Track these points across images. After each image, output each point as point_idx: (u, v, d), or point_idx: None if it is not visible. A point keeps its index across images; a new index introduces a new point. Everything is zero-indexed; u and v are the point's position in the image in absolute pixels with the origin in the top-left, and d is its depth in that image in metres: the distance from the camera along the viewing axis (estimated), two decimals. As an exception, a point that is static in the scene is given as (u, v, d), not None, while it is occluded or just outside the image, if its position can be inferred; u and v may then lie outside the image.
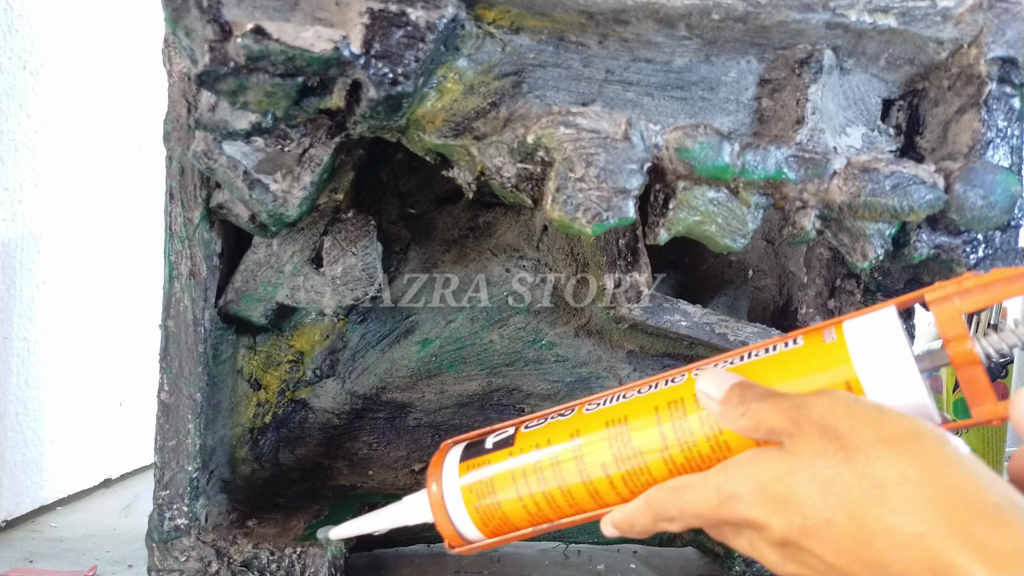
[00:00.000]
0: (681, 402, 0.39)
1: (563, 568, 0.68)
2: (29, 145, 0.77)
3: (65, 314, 0.83)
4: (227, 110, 0.49)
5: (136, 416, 0.95)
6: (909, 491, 0.30)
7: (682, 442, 0.38)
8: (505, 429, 0.44)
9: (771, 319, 0.73)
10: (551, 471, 0.41)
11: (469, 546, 0.44)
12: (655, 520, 0.38)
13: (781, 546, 0.34)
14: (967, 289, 0.35)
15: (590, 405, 0.42)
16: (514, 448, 0.43)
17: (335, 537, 0.49)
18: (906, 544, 0.30)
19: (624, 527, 0.39)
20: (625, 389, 0.42)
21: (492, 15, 0.51)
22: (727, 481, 0.35)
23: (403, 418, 0.73)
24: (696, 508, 0.36)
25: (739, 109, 0.55)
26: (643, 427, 0.39)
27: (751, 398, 0.36)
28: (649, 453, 0.39)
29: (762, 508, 0.33)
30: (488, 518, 0.43)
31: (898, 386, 0.35)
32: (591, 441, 0.41)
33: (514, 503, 0.42)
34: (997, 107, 0.53)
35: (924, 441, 0.31)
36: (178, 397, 0.59)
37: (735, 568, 0.63)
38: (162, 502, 0.59)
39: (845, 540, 0.31)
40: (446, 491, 0.43)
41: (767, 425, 0.35)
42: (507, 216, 0.71)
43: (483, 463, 0.43)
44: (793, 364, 0.38)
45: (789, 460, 0.33)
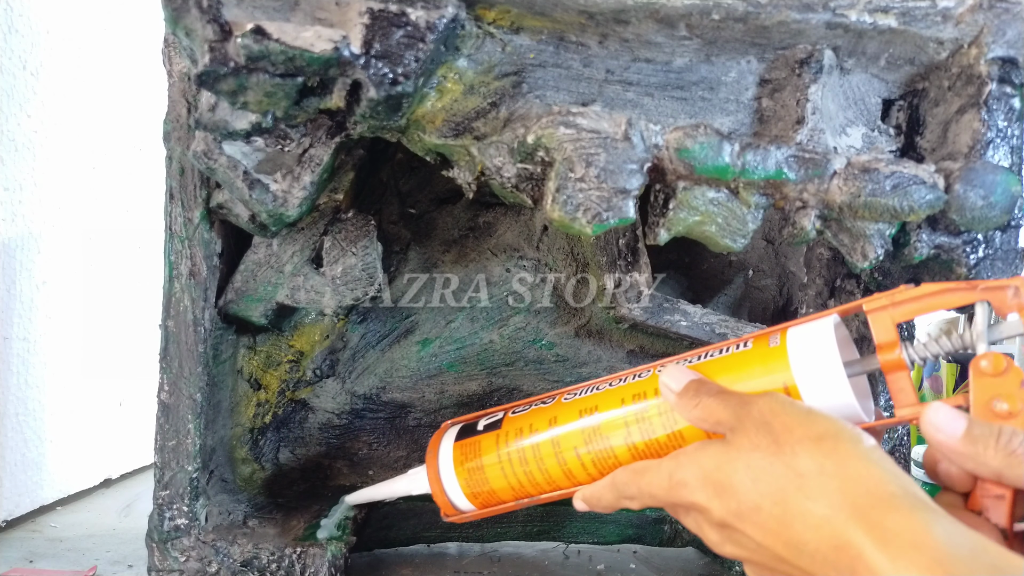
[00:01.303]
0: (644, 395, 0.45)
1: (563, 568, 0.68)
2: (29, 145, 0.77)
3: (65, 314, 0.83)
4: (227, 110, 0.49)
5: (136, 416, 0.95)
6: (824, 481, 0.35)
7: (643, 431, 0.44)
8: (495, 413, 0.51)
9: (771, 319, 0.73)
10: (531, 452, 0.47)
11: (461, 515, 0.51)
12: (618, 498, 0.43)
13: (720, 527, 0.38)
14: (900, 301, 0.40)
15: (568, 395, 0.48)
16: (501, 431, 0.49)
17: (351, 502, 0.58)
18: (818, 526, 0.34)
19: (592, 502, 0.45)
20: (599, 382, 0.48)
21: (492, 15, 0.51)
22: (677, 468, 0.40)
23: (403, 418, 0.73)
24: (652, 490, 0.41)
25: (739, 109, 0.55)
26: (611, 416, 0.45)
27: (704, 393, 0.41)
28: (615, 439, 0.45)
29: (704, 493, 0.38)
30: (477, 491, 0.49)
31: (827, 390, 0.40)
32: (566, 427, 0.46)
33: (499, 479, 0.48)
34: (997, 107, 0.53)
35: (841, 439, 0.36)
36: (178, 397, 0.59)
37: (735, 568, 0.63)
38: (162, 502, 0.59)
39: (771, 523, 0.36)
40: (442, 466, 0.50)
41: (715, 417, 0.40)
42: (507, 216, 0.71)
43: (474, 443, 0.49)
44: (741, 365, 0.43)
45: (729, 451, 0.38)
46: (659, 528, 0.70)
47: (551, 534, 0.71)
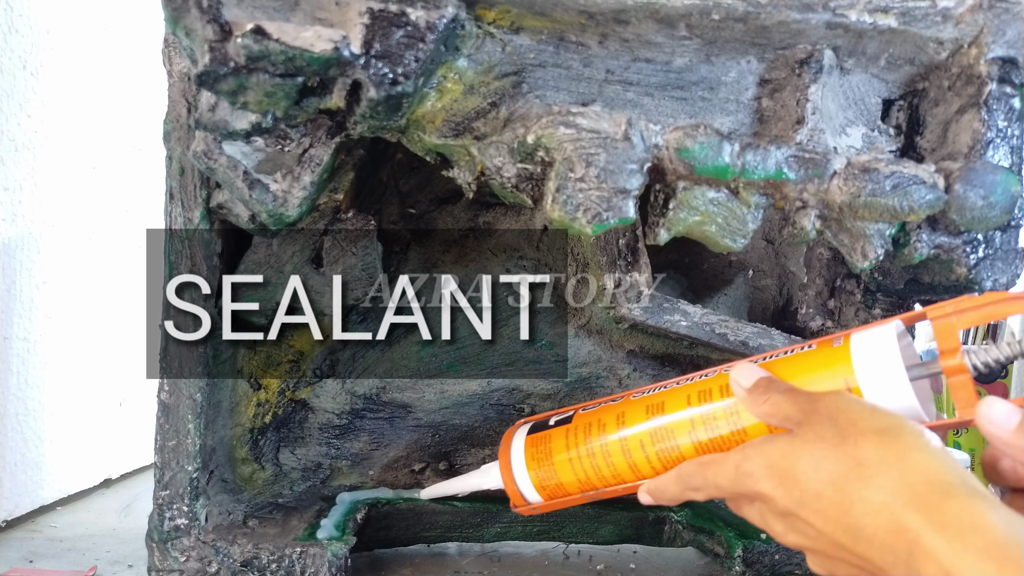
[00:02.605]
0: (709, 392, 0.47)
1: (563, 568, 0.68)
2: (29, 145, 0.77)
3: (65, 314, 0.83)
4: (227, 110, 0.49)
5: (136, 416, 0.95)
6: (884, 469, 0.36)
7: (708, 427, 0.46)
8: (567, 411, 0.54)
9: (771, 319, 0.73)
10: (599, 446, 0.50)
11: (529, 507, 0.54)
12: (684, 489, 0.45)
13: (783, 516, 0.40)
14: (963, 309, 0.41)
15: (636, 393, 0.51)
16: (571, 426, 0.52)
17: (425, 497, 0.61)
18: (876, 511, 0.35)
19: (657, 494, 0.47)
20: (665, 383, 0.50)
21: (492, 15, 0.51)
22: (744, 459, 0.41)
23: (403, 418, 0.73)
24: (718, 480, 0.43)
25: (739, 109, 0.55)
26: (677, 412, 0.47)
27: (773, 389, 0.43)
28: (680, 434, 0.47)
29: (769, 482, 0.40)
30: (546, 484, 0.52)
31: (890, 392, 0.42)
32: (634, 422, 0.49)
33: (567, 472, 0.51)
34: (997, 107, 0.53)
35: (903, 432, 0.37)
36: (178, 397, 0.59)
37: (735, 568, 0.63)
38: (162, 502, 0.59)
39: (831, 509, 0.37)
40: (513, 458, 0.53)
41: (783, 413, 0.41)
42: (507, 216, 0.71)
43: (545, 437, 0.52)
44: (806, 365, 0.45)
45: (794, 443, 0.40)
46: (659, 528, 0.70)
47: (551, 534, 0.71)
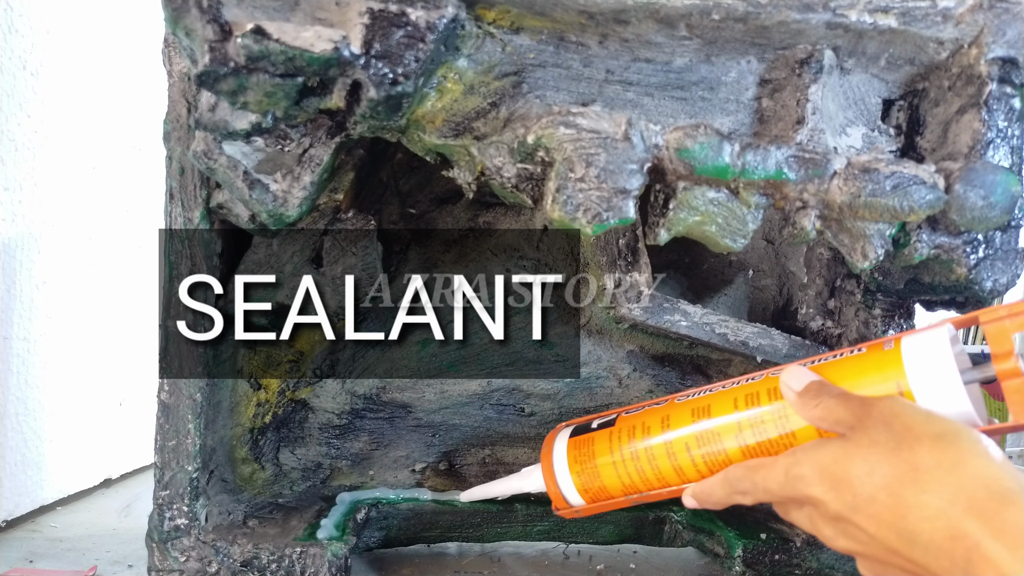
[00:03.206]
0: (757, 396, 0.46)
1: (563, 568, 0.68)
2: (29, 145, 0.77)
3: (65, 314, 0.83)
4: (227, 110, 0.49)
5: (136, 416, 0.95)
6: (940, 475, 0.36)
7: (756, 430, 0.46)
8: (609, 414, 0.54)
9: (771, 319, 0.73)
10: (643, 449, 0.50)
11: (571, 510, 0.54)
12: (730, 493, 0.45)
13: (834, 521, 0.40)
14: (1017, 312, 0.41)
15: (680, 397, 0.51)
16: (614, 429, 0.52)
17: (465, 499, 0.62)
18: (932, 517, 0.35)
19: (702, 498, 0.47)
20: (710, 386, 0.50)
21: (492, 15, 0.51)
22: (795, 464, 0.41)
23: (403, 418, 0.73)
24: (766, 484, 0.43)
25: (739, 109, 0.55)
26: (723, 416, 0.47)
27: (825, 393, 0.42)
28: (727, 438, 0.47)
29: (820, 486, 0.40)
30: (588, 486, 0.52)
31: (944, 396, 0.42)
32: (679, 425, 0.49)
33: (611, 475, 0.51)
34: (997, 107, 0.53)
35: (960, 437, 0.37)
36: (178, 397, 0.59)
37: (735, 568, 0.63)
38: (162, 502, 0.59)
39: (885, 514, 0.37)
40: (556, 461, 0.53)
41: (835, 417, 0.41)
42: (507, 216, 0.71)
43: (588, 440, 0.52)
44: (856, 369, 0.44)
45: (847, 447, 0.40)
46: (659, 528, 0.70)
47: (551, 534, 0.71)
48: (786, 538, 0.64)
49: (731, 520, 0.67)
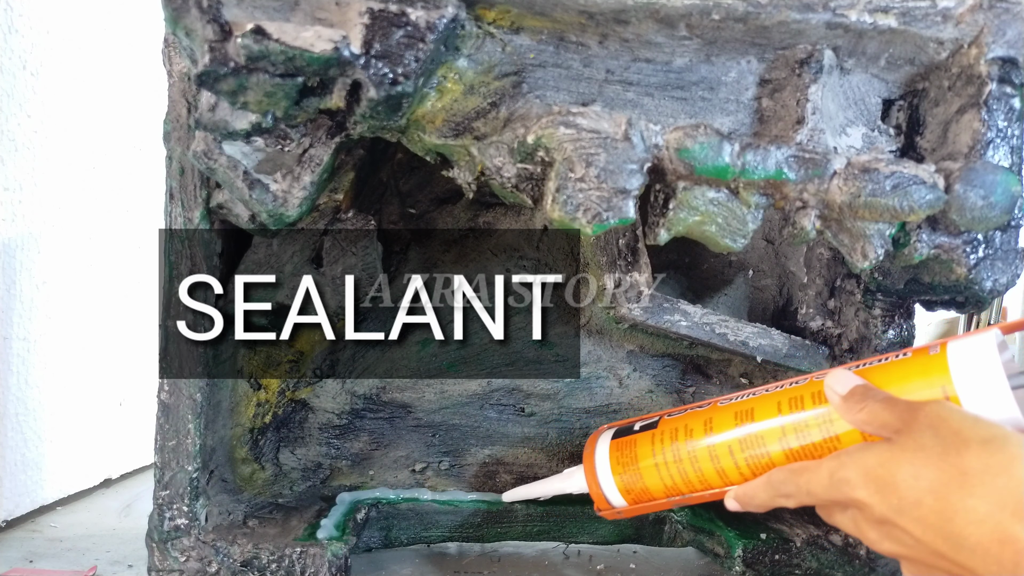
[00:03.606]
0: (801, 400, 0.47)
1: (563, 568, 0.68)
2: (29, 145, 0.77)
3: (65, 314, 0.83)
4: (227, 110, 0.49)
5: (136, 416, 0.95)
6: (989, 479, 0.36)
7: (799, 434, 0.46)
8: (651, 417, 0.54)
9: (771, 319, 0.73)
10: (686, 451, 0.50)
11: (613, 511, 0.55)
12: (773, 496, 0.46)
13: (879, 524, 0.40)
14: None
15: (723, 400, 0.51)
16: (657, 431, 0.52)
17: (507, 500, 0.63)
18: (980, 521, 0.36)
19: (745, 501, 0.48)
20: (752, 390, 0.50)
21: (492, 15, 0.51)
22: (839, 467, 0.41)
23: (403, 418, 0.73)
24: (810, 487, 0.43)
25: (739, 109, 0.55)
26: (767, 419, 0.47)
27: (870, 397, 0.43)
28: (770, 440, 0.47)
29: (865, 489, 0.40)
30: (631, 488, 0.53)
31: (991, 401, 0.42)
32: (722, 428, 0.49)
33: (653, 477, 0.51)
34: (997, 107, 0.53)
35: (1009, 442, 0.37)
36: (178, 397, 0.59)
37: (735, 568, 0.63)
38: (162, 502, 0.59)
39: (932, 518, 0.37)
40: (598, 462, 0.54)
41: (880, 420, 0.42)
42: (507, 216, 0.71)
43: (630, 442, 0.53)
44: (901, 373, 0.45)
45: (894, 451, 0.40)
46: (659, 528, 0.70)
47: (551, 534, 0.71)
48: (786, 538, 0.64)
49: (731, 520, 0.67)
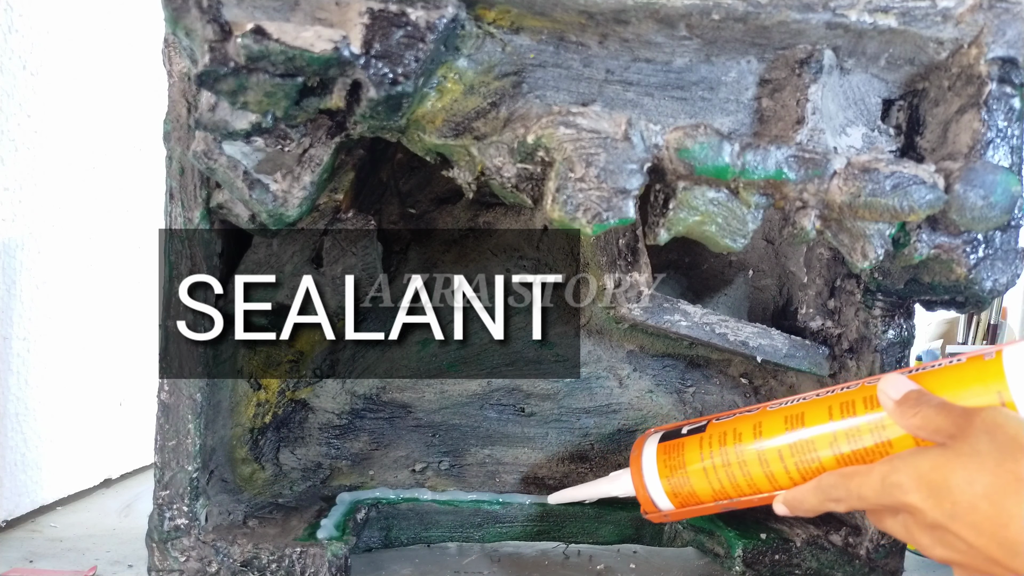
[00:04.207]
0: (852, 404, 0.47)
1: (563, 568, 0.68)
2: (29, 145, 0.77)
3: (65, 314, 0.83)
4: (227, 110, 0.49)
5: (136, 416, 0.95)
6: None
7: (851, 438, 0.46)
8: (699, 421, 0.54)
9: (771, 319, 0.73)
10: (735, 455, 0.50)
11: (660, 514, 0.55)
12: (823, 501, 0.45)
13: (932, 529, 0.40)
14: None
15: (772, 404, 0.51)
16: (705, 435, 0.52)
17: (553, 502, 0.63)
18: None
19: (794, 505, 0.47)
20: (802, 395, 0.51)
21: (492, 15, 0.51)
22: (892, 471, 0.41)
23: (403, 418, 0.73)
24: (861, 492, 0.43)
25: (739, 109, 0.55)
26: (817, 424, 0.47)
27: (924, 403, 0.42)
28: (821, 445, 0.47)
29: (918, 494, 0.40)
30: (678, 491, 0.53)
31: None
32: (772, 433, 0.49)
33: (701, 480, 0.52)
34: (997, 107, 0.53)
35: None
36: (178, 397, 0.59)
37: (735, 568, 0.63)
38: (162, 502, 0.59)
39: (985, 524, 0.37)
40: (645, 465, 0.54)
41: (934, 426, 0.41)
42: (507, 216, 0.71)
43: (678, 445, 0.53)
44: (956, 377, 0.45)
45: (948, 456, 0.39)
46: (659, 528, 0.70)
47: (551, 534, 0.71)
48: (786, 538, 0.64)
49: (731, 520, 0.67)
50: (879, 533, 0.63)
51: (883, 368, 0.63)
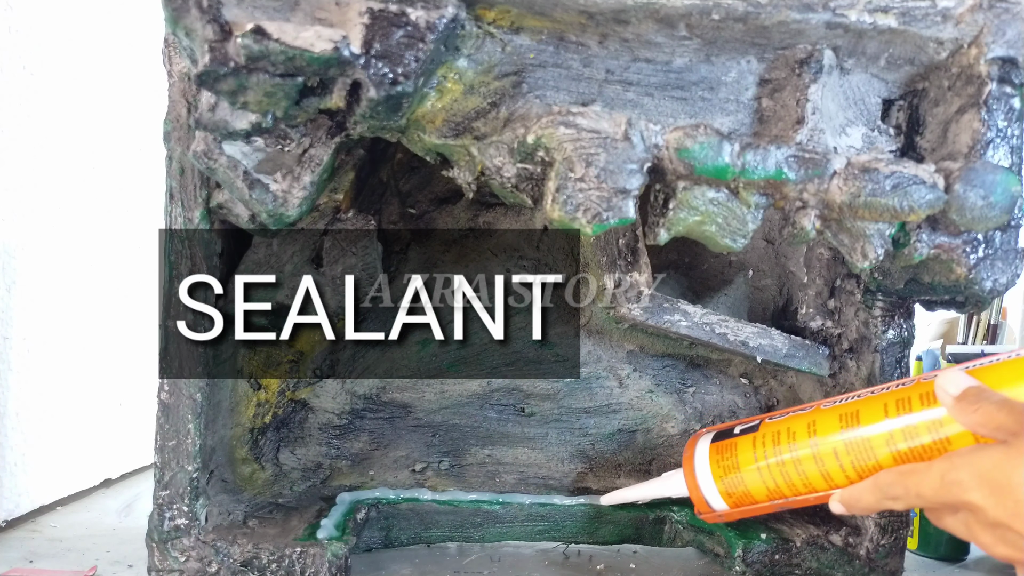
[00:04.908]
0: (908, 401, 0.46)
1: (563, 568, 0.68)
2: (29, 145, 0.77)
3: (65, 314, 0.83)
4: (227, 110, 0.49)
5: (136, 416, 0.95)
6: None
7: (908, 435, 0.46)
8: (751, 420, 0.54)
9: (771, 319, 0.73)
10: (789, 455, 0.50)
11: (714, 514, 0.55)
12: (880, 499, 0.45)
13: (993, 527, 0.39)
14: None
15: (826, 403, 0.51)
16: (758, 434, 0.52)
17: (606, 503, 0.64)
18: None
19: (851, 503, 0.47)
20: (856, 392, 0.50)
21: (492, 15, 0.51)
22: (951, 469, 0.41)
23: (403, 418, 0.73)
24: (920, 489, 0.42)
25: (739, 109, 0.55)
26: (873, 422, 0.47)
27: (985, 399, 0.42)
28: (877, 443, 0.47)
29: (979, 492, 0.39)
30: (732, 491, 0.53)
31: None
32: (826, 431, 0.49)
33: (755, 480, 0.51)
34: (997, 107, 0.53)
35: None
36: (178, 397, 0.59)
37: (735, 568, 0.63)
38: (162, 502, 0.59)
39: None
40: (698, 466, 0.54)
41: (996, 423, 0.41)
42: (507, 216, 0.71)
43: (730, 445, 0.53)
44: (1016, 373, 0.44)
45: (1010, 453, 0.39)
46: (659, 528, 0.70)
47: (551, 534, 0.71)
48: (786, 538, 0.64)
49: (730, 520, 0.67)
50: (879, 533, 0.63)
51: (883, 368, 0.63)
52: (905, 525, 0.63)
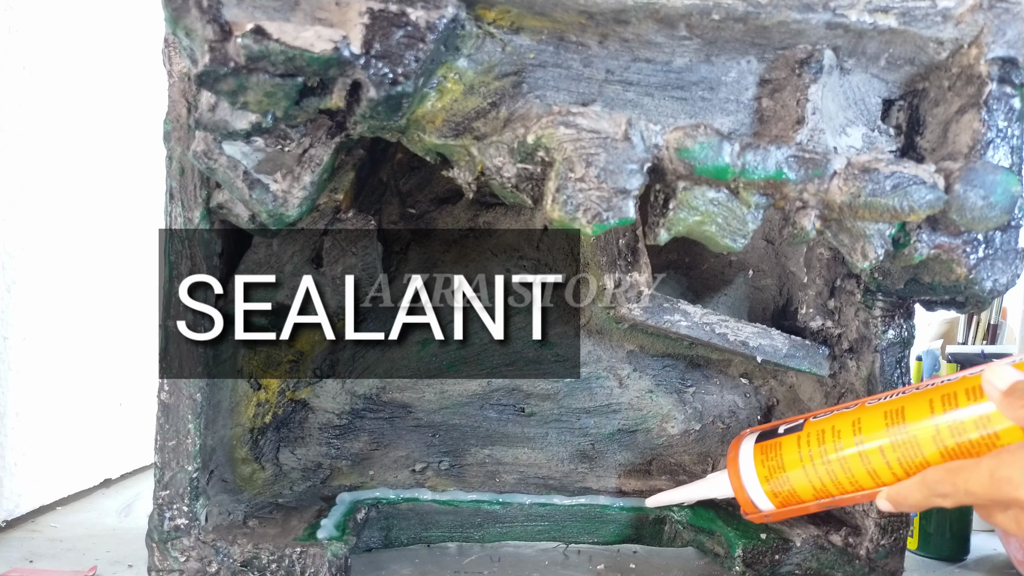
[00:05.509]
0: (954, 396, 0.46)
1: (563, 568, 0.68)
2: (29, 145, 0.77)
3: (65, 314, 0.83)
4: (227, 110, 0.49)
5: (136, 416, 0.95)
6: None
7: (955, 432, 0.45)
8: (796, 420, 0.54)
9: (771, 319, 0.73)
10: (835, 453, 0.50)
11: (760, 514, 0.55)
12: (929, 496, 0.44)
13: None
14: None
15: (871, 400, 0.51)
16: (802, 433, 0.52)
17: (651, 505, 0.64)
18: None
19: (899, 501, 0.47)
20: (901, 389, 0.50)
21: (492, 15, 0.51)
22: (1000, 465, 0.40)
23: (403, 418, 0.73)
24: (968, 486, 0.42)
25: (739, 109, 0.55)
26: (919, 418, 0.47)
27: None
28: (923, 440, 0.46)
29: None
30: (778, 491, 0.53)
31: None
32: (872, 429, 0.49)
33: (801, 479, 0.51)
34: (997, 107, 0.53)
35: None
36: (178, 397, 0.59)
37: (735, 568, 0.63)
38: (162, 502, 0.59)
39: None
40: (743, 467, 0.54)
41: None
42: (507, 216, 0.71)
43: (775, 445, 0.53)
44: None
45: None
46: (659, 528, 0.70)
47: (551, 534, 0.71)
48: (786, 538, 0.64)
49: (731, 520, 0.67)
50: (879, 533, 0.63)
51: (883, 368, 0.63)
52: (905, 525, 0.63)
